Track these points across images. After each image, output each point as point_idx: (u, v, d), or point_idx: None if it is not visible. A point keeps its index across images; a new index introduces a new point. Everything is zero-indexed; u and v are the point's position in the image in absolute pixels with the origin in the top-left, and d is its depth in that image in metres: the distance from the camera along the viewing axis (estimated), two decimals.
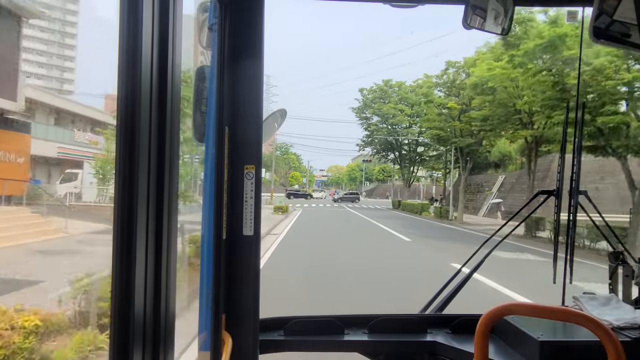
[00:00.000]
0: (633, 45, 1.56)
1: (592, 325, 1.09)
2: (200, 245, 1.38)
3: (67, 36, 78.01)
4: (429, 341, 1.73)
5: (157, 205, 0.95)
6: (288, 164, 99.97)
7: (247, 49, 1.48)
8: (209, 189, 1.35)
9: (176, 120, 1.01)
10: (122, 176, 0.88)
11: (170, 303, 1.01)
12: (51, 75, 75.09)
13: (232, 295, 1.49)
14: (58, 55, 76.77)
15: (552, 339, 1.45)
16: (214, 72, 1.36)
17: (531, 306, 1.19)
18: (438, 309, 1.94)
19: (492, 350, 1.36)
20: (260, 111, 1.51)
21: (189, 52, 1.48)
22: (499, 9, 1.63)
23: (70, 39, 78.44)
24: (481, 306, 1.35)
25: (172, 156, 0.99)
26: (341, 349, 1.78)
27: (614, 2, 1.48)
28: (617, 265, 1.95)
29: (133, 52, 0.87)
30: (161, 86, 0.95)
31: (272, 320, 1.77)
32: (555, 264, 1.93)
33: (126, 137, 0.88)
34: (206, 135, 1.42)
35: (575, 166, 1.86)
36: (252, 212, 1.50)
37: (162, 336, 0.97)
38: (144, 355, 0.92)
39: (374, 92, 51.74)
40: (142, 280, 0.91)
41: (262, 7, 1.49)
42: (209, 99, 1.44)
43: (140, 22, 0.87)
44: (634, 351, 1.37)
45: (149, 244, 0.93)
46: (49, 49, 75.57)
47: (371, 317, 1.79)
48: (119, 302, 0.87)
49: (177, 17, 0.99)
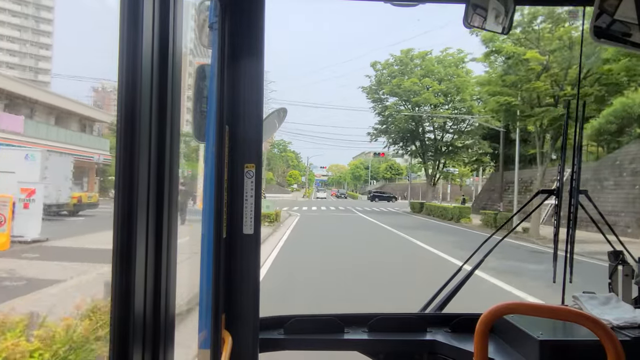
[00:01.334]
0: (634, 45, 1.56)
1: (591, 324, 1.09)
2: (201, 244, 1.38)
3: (43, 22, 72.99)
4: (428, 340, 1.73)
5: (157, 205, 0.95)
6: (286, 162, 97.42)
7: (247, 48, 1.48)
8: (209, 188, 1.35)
9: (176, 120, 1.01)
10: (122, 176, 0.88)
11: (170, 303, 1.01)
12: (24, 64, 70.61)
13: (232, 293, 1.49)
14: (32, 43, 71.86)
15: (552, 338, 1.45)
16: (214, 71, 1.36)
17: (531, 305, 1.19)
18: (438, 308, 1.95)
19: (491, 350, 1.37)
20: (260, 110, 1.51)
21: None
22: (499, 8, 1.62)
23: (45, 24, 73.30)
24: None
25: (172, 156, 0.99)
26: (341, 348, 1.78)
27: (615, 1, 1.48)
28: (616, 264, 1.96)
29: (133, 51, 0.87)
30: (161, 86, 0.95)
31: (272, 318, 1.77)
32: (555, 263, 1.93)
33: (126, 137, 0.88)
34: (206, 134, 1.43)
35: (576, 165, 1.86)
36: (252, 211, 1.50)
37: (162, 336, 0.97)
38: (144, 355, 0.92)
39: (389, 66, 39.89)
40: (142, 280, 0.91)
41: (262, 6, 1.49)
42: (209, 97, 1.44)
43: (140, 22, 0.87)
44: (633, 350, 1.37)
45: (149, 244, 0.93)
46: (22, 35, 70.86)
47: (371, 315, 1.79)
48: (119, 302, 0.87)
49: (177, 17, 0.99)
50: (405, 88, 37.58)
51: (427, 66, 38.39)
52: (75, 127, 34.60)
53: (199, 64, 1.51)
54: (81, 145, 31.86)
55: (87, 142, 33.86)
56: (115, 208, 0.88)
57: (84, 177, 33.09)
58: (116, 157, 0.88)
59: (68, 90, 58.15)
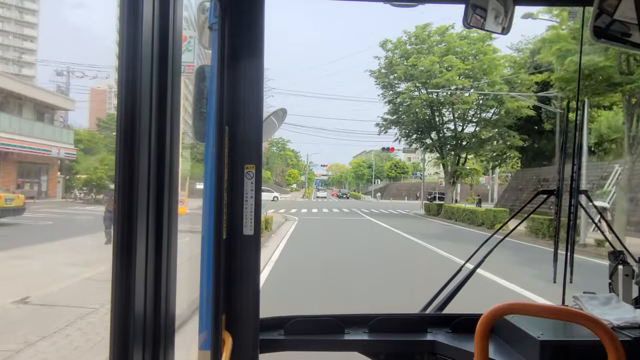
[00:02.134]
0: (633, 45, 1.56)
1: (592, 324, 1.09)
2: (201, 245, 1.38)
3: (27, 12, 69.64)
4: (429, 340, 1.73)
5: (157, 205, 0.95)
6: (285, 161, 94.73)
7: (247, 48, 1.48)
8: (209, 189, 1.35)
9: (176, 120, 1.01)
10: (122, 176, 0.88)
11: (170, 303, 1.01)
12: (6, 57, 67.19)
13: (232, 294, 1.49)
14: (15, 35, 68.25)
15: (553, 338, 1.45)
16: (214, 72, 1.36)
17: (531, 306, 1.19)
18: (438, 309, 1.95)
19: (492, 350, 1.37)
20: (260, 111, 1.51)
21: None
22: (499, 8, 1.63)
23: (30, 15, 69.97)
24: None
25: (172, 156, 0.99)
26: (341, 349, 1.78)
27: (614, 1, 1.48)
28: (617, 264, 1.96)
29: (133, 52, 0.87)
30: (161, 86, 0.95)
31: (272, 319, 1.77)
32: (556, 264, 1.93)
33: (126, 138, 0.88)
34: (206, 135, 1.43)
35: (576, 165, 1.86)
36: (252, 212, 1.50)
37: (162, 336, 0.97)
38: (144, 355, 0.92)
39: (403, 44, 33.19)
40: (142, 280, 0.91)
41: (262, 6, 1.49)
42: (209, 98, 1.44)
43: (140, 22, 0.87)
44: (634, 350, 1.37)
45: (149, 244, 0.93)
46: (4, 26, 67.70)
47: (371, 316, 1.79)
48: (119, 302, 0.87)
49: (177, 17, 0.99)
50: (422, 68, 31.28)
51: (448, 43, 32.02)
52: (28, 115, 29.30)
53: (199, 65, 1.51)
54: (34, 136, 27.42)
55: (44, 133, 28.94)
56: (116, 208, 0.88)
57: (41, 175, 29.34)
58: (116, 157, 0.88)
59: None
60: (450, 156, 33.54)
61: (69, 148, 31.09)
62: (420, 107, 32.35)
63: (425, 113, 32.84)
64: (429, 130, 34.31)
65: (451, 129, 34.01)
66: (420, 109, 32.38)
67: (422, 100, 32.08)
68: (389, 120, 35.36)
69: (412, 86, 33.10)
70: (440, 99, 31.64)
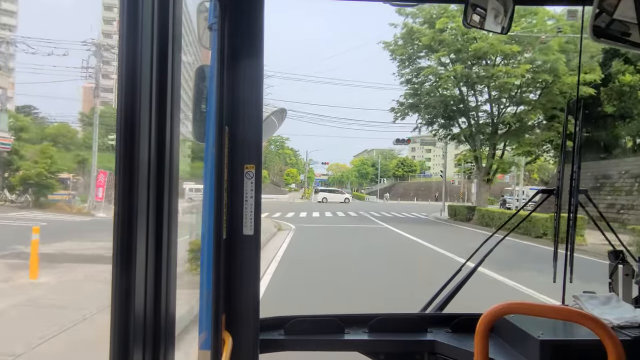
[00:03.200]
0: (633, 44, 1.56)
1: (592, 324, 1.09)
2: (201, 245, 1.38)
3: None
4: (429, 340, 1.73)
5: (157, 205, 0.95)
6: (283, 160, 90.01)
7: (247, 48, 1.48)
8: (209, 189, 1.35)
9: (176, 120, 1.00)
10: (122, 176, 0.88)
11: (170, 303, 1.00)
12: None
13: (232, 294, 1.49)
14: None
15: (553, 338, 1.45)
16: (214, 72, 1.36)
17: (531, 305, 1.19)
18: (438, 308, 1.95)
19: (492, 350, 1.37)
20: (260, 111, 1.51)
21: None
22: (498, 8, 1.63)
23: (10, 3, 63.25)
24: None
25: (172, 156, 0.99)
26: (341, 348, 1.78)
27: (614, 1, 1.48)
28: (617, 264, 1.96)
29: (133, 52, 0.87)
30: (161, 86, 0.95)
31: (273, 319, 1.77)
32: (556, 263, 1.93)
33: (126, 138, 0.87)
34: (206, 135, 1.43)
35: (575, 165, 1.86)
36: (252, 212, 1.50)
37: (162, 336, 0.97)
38: (144, 355, 0.92)
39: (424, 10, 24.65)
40: (142, 280, 0.91)
41: (262, 7, 1.49)
42: (208, 98, 1.44)
43: (140, 22, 0.87)
44: (634, 350, 1.37)
45: (149, 244, 0.93)
46: None
47: (371, 316, 1.79)
48: (119, 302, 0.87)
49: (177, 17, 0.98)
50: (455, 33, 23.61)
51: None
52: None
53: (199, 65, 1.51)
54: None
55: None
56: (116, 208, 0.88)
57: None
58: (116, 157, 0.87)
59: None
60: (484, 147, 26.55)
61: (4, 137, 24.75)
62: (452, 84, 25.53)
63: (453, 95, 26.20)
64: (459, 116, 27.09)
65: (488, 113, 26.61)
66: (453, 85, 25.59)
67: (454, 75, 24.66)
68: (406, 104, 27.54)
69: (442, 56, 25.06)
70: (479, 73, 24.39)
